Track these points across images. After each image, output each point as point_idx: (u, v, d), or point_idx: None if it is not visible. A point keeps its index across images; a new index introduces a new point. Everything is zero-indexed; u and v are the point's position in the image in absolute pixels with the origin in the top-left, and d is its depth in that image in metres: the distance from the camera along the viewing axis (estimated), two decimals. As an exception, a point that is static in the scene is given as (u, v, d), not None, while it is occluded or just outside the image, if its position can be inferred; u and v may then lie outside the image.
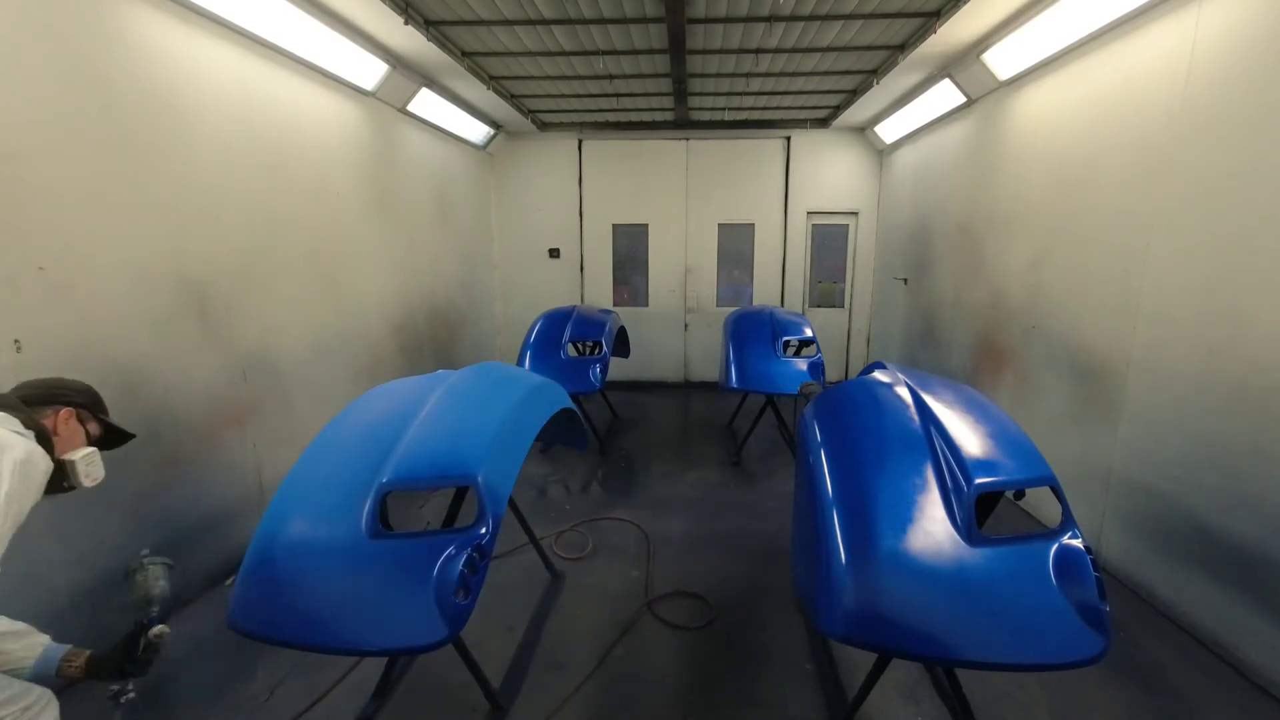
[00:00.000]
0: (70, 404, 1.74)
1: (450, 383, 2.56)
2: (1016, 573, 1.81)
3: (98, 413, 1.82)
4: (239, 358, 3.35)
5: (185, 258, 2.99)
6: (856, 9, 3.88)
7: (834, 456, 2.18)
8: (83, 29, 2.51)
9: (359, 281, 4.59)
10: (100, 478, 1.76)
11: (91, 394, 1.83)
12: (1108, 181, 3.37)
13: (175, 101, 2.94)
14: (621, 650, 2.76)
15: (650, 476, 4.90)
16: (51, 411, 1.68)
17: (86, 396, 1.81)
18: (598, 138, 7.50)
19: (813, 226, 7.77)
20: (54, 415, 1.68)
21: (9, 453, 1.42)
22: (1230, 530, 2.62)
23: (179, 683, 2.53)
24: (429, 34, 4.12)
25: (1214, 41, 2.74)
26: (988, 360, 4.67)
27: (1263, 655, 2.49)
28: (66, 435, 1.70)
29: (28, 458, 1.46)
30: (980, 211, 4.86)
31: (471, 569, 1.87)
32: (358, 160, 4.57)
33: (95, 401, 1.83)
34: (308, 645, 1.85)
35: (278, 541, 1.98)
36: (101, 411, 1.84)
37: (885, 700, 2.41)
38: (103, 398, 1.87)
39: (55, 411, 1.69)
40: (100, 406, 1.85)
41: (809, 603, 1.95)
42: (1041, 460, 2.04)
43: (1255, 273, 2.52)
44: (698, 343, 7.96)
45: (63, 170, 2.42)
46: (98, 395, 1.85)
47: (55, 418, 1.68)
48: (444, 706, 2.40)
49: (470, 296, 6.95)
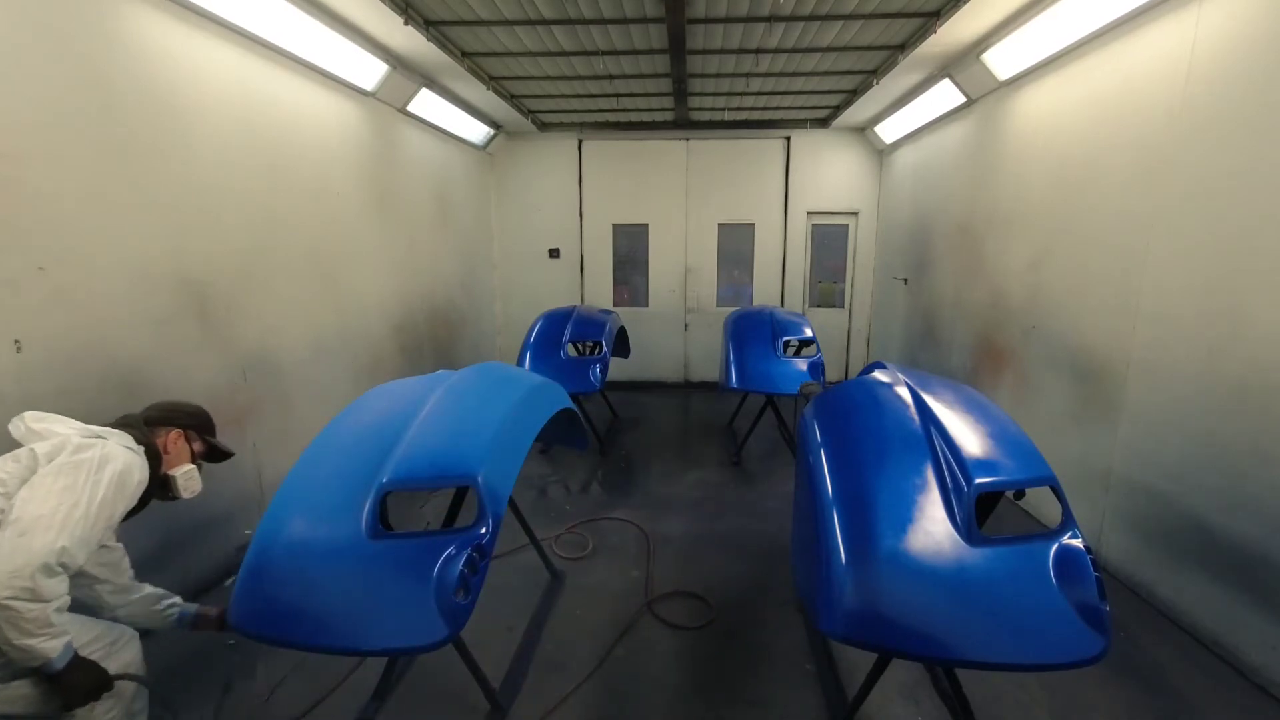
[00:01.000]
0: (180, 426, 2.06)
1: (450, 383, 2.56)
2: (1016, 573, 1.81)
3: (204, 434, 2.14)
4: (239, 358, 3.35)
5: (185, 258, 2.99)
6: (856, 9, 3.88)
7: (834, 456, 2.18)
8: (83, 29, 2.51)
9: (359, 281, 4.59)
10: (198, 490, 2.06)
11: (201, 417, 2.15)
12: (1108, 181, 3.37)
13: (175, 101, 2.94)
14: (621, 650, 2.76)
15: (650, 476, 4.90)
16: (164, 431, 2.01)
17: (196, 420, 2.13)
18: (598, 138, 7.50)
19: (813, 226, 7.77)
20: (165, 435, 2.00)
21: (111, 464, 1.69)
22: (1230, 530, 2.62)
23: (179, 683, 2.53)
24: (429, 34, 4.12)
25: (1214, 41, 2.74)
26: (988, 360, 4.67)
27: (1263, 655, 2.49)
28: (175, 453, 2.02)
29: (126, 470, 1.73)
30: (980, 211, 4.86)
31: (471, 569, 1.87)
32: (358, 160, 4.57)
33: (204, 424, 2.15)
34: (308, 645, 1.85)
35: (278, 541, 1.98)
36: (208, 432, 2.16)
37: (885, 700, 2.41)
38: (211, 420, 2.19)
39: (167, 431, 2.01)
40: (208, 428, 2.17)
41: (809, 603, 1.95)
42: (1041, 460, 2.04)
43: (1255, 273, 2.52)
44: (698, 343, 7.96)
45: (63, 170, 2.42)
46: (208, 418, 2.18)
47: (166, 437, 2.00)
48: (444, 706, 2.40)
49: (470, 296, 6.95)
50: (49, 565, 1.48)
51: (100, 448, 1.70)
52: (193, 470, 2.05)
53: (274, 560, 1.95)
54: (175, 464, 2.01)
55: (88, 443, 1.70)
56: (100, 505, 1.62)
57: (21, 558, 1.45)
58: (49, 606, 1.49)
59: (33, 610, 1.46)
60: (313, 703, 2.41)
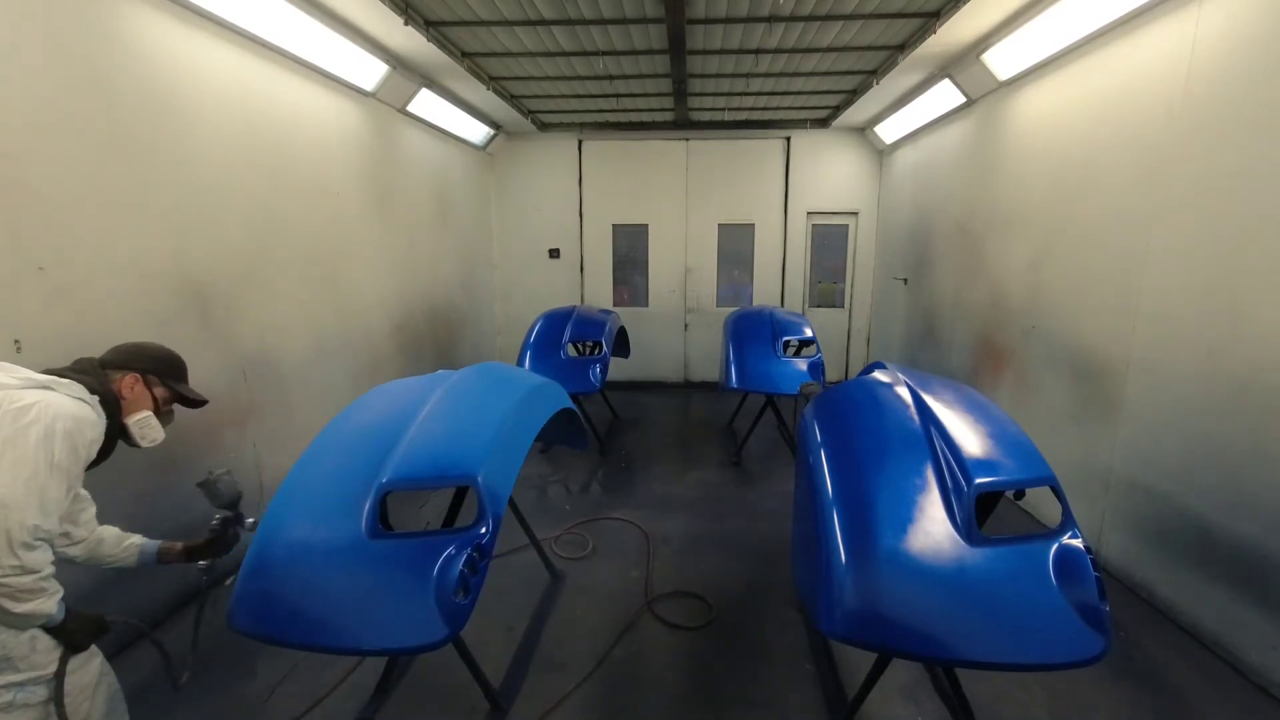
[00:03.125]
0: (138, 370, 1.92)
1: (450, 383, 2.56)
2: (1016, 573, 1.81)
3: (167, 379, 1.99)
4: (239, 358, 3.35)
5: (185, 258, 2.99)
6: (856, 9, 3.88)
7: (834, 456, 2.18)
8: (83, 29, 2.51)
9: (359, 281, 4.59)
10: (157, 440, 1.94)
11: (164, 361, 2.01)
12: (1108, 181, 3.37)
13: (175, 101, 2.94)
14: (621, 650, 2.76)
15: (650, 476, 4.90)
16: (119, 376, 1.87)
17: (157, 364, 1.98)
18: (598, 138, 7.51)
19: (813, 226, 7.77)
20: (120, 380, 1.87)
21: (59, 422, 1.59)
22: (1230, 530, 2.62)
23: (179, 682, 2.52)
24: (429, 34, 4.12)
25: (1214, 41, 2.74)
26: (988, 360, 4.67)
27: (1263, 655, 2.49)
28: (132, 399, 1.89)
29: (75, 428, 1.63)
30: (980, 211, 4.86)
31: (471, 569, 1.87)
32: (358, 160, 4.57)
33: (167, 368, 2.01)
34: (308, 645, 1.85)
35: (278, 541, 1.98)
36: (173, 377, 2.02)
37: (885, 700, 2.41)
38: (178, 363, 2.04)
39: (123, 376, 1.88)
40: (172, 373, 2.02)
41: (809, 603, 1.95)
42: (1041, 460, 2.04)
43: (1255, 272, 2.52)
44: (698, 343, 7.96)
45: (63, 170, 2.42)
46: (172, 362, 2.03)
47: (121, 382, 1.87)
48: (444, 706, 2.40)
49: (470, 296, 6.95)
50: (27, 543, 1.50)
51: (42, 407, 1.58)
52: (147, 417, 1.91)
53: (274, 560, 1.95)
54: (132, 411, 1.88)
55: (29, 402, 1.58)
56: (54, 470, 1.57)
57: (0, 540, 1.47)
58: (39, 575, 1.54)
59: (24, 581, 1.50)
60: (313, 703, 2.41)
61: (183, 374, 2.08)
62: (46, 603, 1.57)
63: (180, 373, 2.07)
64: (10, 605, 1.51)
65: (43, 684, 1.63)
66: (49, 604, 1.58)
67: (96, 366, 1.85)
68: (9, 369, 1.69)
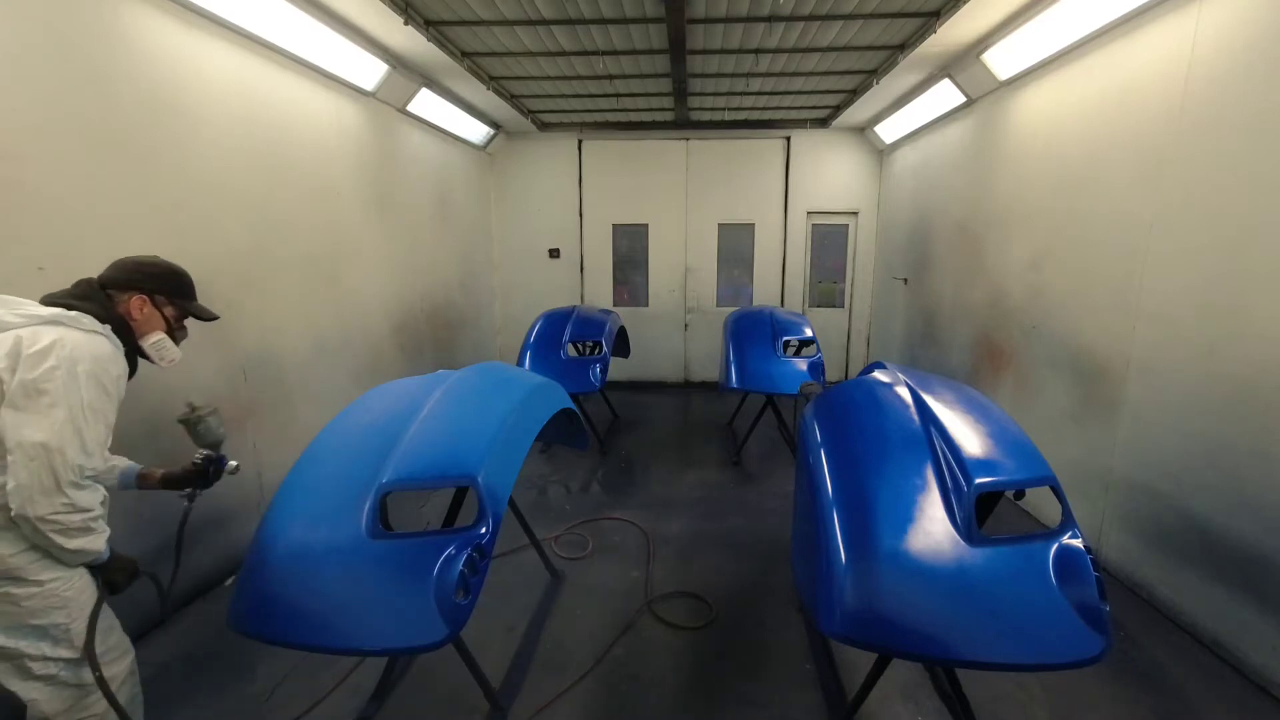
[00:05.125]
0: (145, 290, 1.86)
1: (450, 383, 2.56)
2: (1016, 573, 1.81)
3: (175, 297, 1.93)
4: (239, 358, 3.35)
5: (185, 258, 2.93)
6: (856, 9, 3.88)
7: (834, 456, 2.18)
8: (83, 29, 2.51)
9: (359, 281, 4.59)
10: (175, 359, 1.92)
11: (169, 279, 1.93)
12: (1108, 181, 3.37)
13: (176, 102, 2.94)
14: (621, 650, 2.76)
15: (650, 476, 4.90)
16: (126, 297, 1.82)
17: (163, 282, 1.91)
18: (598, 138, 7.50)
19: (812, 226, 7.77)
20: (128, 301, 1.82)
21: (81, 364, 1.58)
22: (1230, 530, 2.62)
23: (179, 683, 2.53)
24: (429, 34, 4.11)
25: (1214, 41, 2.74)
26: (988, 360, 4.67)
27: (1263, 655, 2.49)
28: (143, 320, 1.85)
29: (98, 365, 1.62)
30: (980, 211, 4.86)
31: (471, 569, 1.87)
32: (358, 160, 4.57)
33: (174, 286, 1.94)
34: (308, 646, 1.85)
35: (278, 541, 1.98)
36: (181, 295, 1.95)
37: (885, 700, 2.41)
38: (183, 279, 1.97)
39: (130, 298, 1.83)
40: (180, 290, 1.95)
41: (809, 603, 1.95)
42: (1041, 460, 2.04)
43: (1255, 272, 2.52)
44: (698, 343, 7.96)
45: (63, 170, 2.42)
46: (177, 278, 1.96)
47: (129, 304, 1.82)
48: (444, 706, 2.40)
49: (470, 296, 6.95)
50: (74, 481, 1.56)
51: (59, 348, 1.55)
52: (162, 340, 1.89)
53: (274, 560, 1.95)
54: (145, 333, 1.85)
55: (47, 343, 1.54)
56: (89, 409, 1.59)
57: (49, 480, 1.51)
58: (90, 515, 1.61)
59: (75, 519, 1.58)
60: (313, 703, 2.41)
61: (189, 290, 2.01)
62: (96, 539, 1.64)
63: (187, 289, 2.00)
64: (63, 541, 1.57)
65: (85, 665, 1.69)
66: (98, 541, 1.65)
67: (98, 289, 1.79)
68: (10, 303, 1.64)
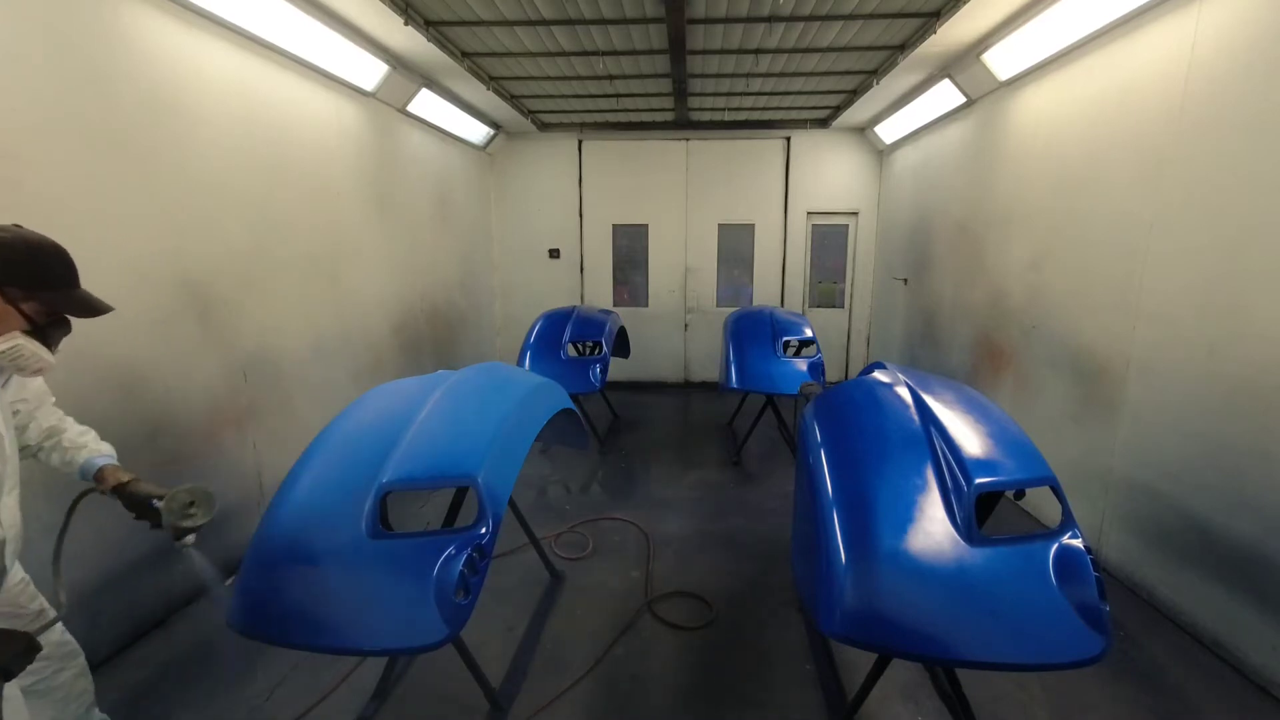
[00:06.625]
0: None
1: (450, 383, 2.56)
2: (1016, 573, 1.81)
3: (35, 288, 1.47)
4: (239, 358, 3.35)
5: (185, 258, 2.99)
6: (856, 9, 3.88)
7: (834, 456, 2.18)
8: (83, 29, 2.51)
9: (359, 281, 4.59)
10: (39, 367, 1.50)
11: (24, 264, 1.46)
12: (1108, 181, 3.37)
13: (175, 102, 2.94)
14: (621, 650, 2.76)
15: (650, 476, 4.90)
16: None
17: (11, 269, 1.44)
18: (598, 138, 7.50)
19: (812, 226, 7.77)
20: None
21: None
22: (1230, 530, 2.62)
23: (179, 683, 2.53)
24: (429, 34, 4.11)
25: (1214, 41, 2.74)
26: (988, 360, 4.67)
27: (1263, 655, 2.49)
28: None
29: None
30: (980, 211, 4.86)
31: (471, 569, 1.87)
32: (358, 160, 4.57)
33: (29, 273, 1.47)
34: (307, 645, 1.85)
35: (278, 541, 1.98)
36: (42, 285, 1.49)
37: (885, 700, 2.41)
38: (46, 260, 1.51)
39: None
40: (41, 278, 1.49)
41: (809, 603, 1.95)
42: (1041, 460, 2.04)
43: (1255, 272, 2.52)
44: (698, 343, 7.96)
45: (63, 171, 2.42)
46: (37, 261, 1.49)
47: None
48: (444, 706, 2.40)
49: (470, 296, 6.95)
50: None
51: None
52: (16, 347, 1.45)
53: (274, 560, 1.95)
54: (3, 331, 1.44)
55: None
56: None
57: None
58: None
59: None
60: (313, 703, 2.41)
61: (58, 276, 1.53)
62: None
63: (53, 275, 1.52)
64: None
65: None
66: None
67: None
68: None
